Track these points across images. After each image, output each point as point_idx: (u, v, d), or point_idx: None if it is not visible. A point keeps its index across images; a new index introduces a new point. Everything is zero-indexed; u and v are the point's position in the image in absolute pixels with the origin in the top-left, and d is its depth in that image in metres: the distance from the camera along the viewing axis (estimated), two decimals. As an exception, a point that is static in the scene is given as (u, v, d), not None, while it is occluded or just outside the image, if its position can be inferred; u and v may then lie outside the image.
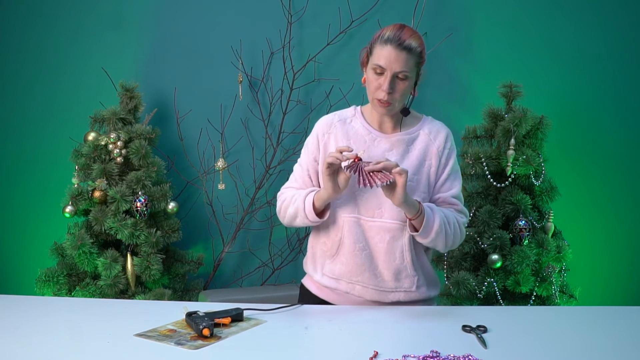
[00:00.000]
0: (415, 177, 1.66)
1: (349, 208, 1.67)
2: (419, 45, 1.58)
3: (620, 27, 2.73)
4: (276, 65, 2.85)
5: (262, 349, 1.32)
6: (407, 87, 1.60)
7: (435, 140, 1.70)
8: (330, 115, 1.76)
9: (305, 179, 1.74)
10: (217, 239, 2.94)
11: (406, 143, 1.68)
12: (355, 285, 1.67)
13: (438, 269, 2.51)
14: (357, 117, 1.73)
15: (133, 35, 2.87)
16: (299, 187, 1.74)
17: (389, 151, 1.67)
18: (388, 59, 1.56)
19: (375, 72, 1.59)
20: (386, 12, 2.75)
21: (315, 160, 1.72)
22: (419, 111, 1.77)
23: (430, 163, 1.68)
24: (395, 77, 1.57)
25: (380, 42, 1.58)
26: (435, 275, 1.78)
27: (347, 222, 1.66)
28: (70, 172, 2.59)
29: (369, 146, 1.68)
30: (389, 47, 1.56)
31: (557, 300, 2.43)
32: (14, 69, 2.92)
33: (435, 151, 1.69)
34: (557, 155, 2.61)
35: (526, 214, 2.38)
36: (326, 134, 1.72)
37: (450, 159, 1.70)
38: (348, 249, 1.67)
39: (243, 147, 2.90)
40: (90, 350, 1.27)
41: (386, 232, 1.65)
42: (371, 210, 1.65)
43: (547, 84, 2.75)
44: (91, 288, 2.50)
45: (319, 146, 1.72)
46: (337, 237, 1.68)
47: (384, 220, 1.64)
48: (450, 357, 1.25)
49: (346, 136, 1.70)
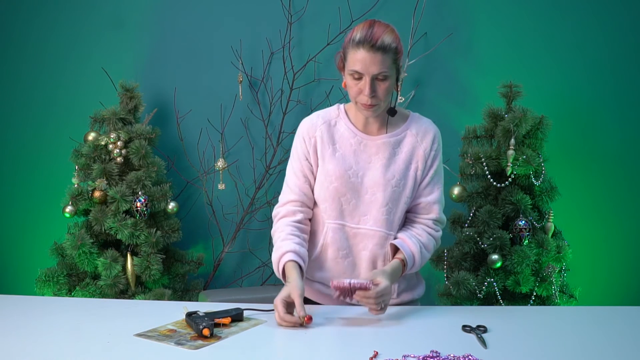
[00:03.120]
0: (401, 182, 1.63)
1: (334, 214, 1.64)
2: (392, 40, 1.52)
3: (620, 27, 2.73)
4: (276, 65, 2.85)
5: (262, 349, 1.32)
6: (388, 85, 1.54)
7: (422, 141, 1.66)
8: (314, 117, 1.70)
9: (302, 187, 1.67)
10: (217, 239, 2.93)
11: (392, 146, 1.64)
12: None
13: (438, 269, 2.51)
14: (341, 117, 1.68)
15: (133, 36, 2.87)
16: (296, 199, 1.66)
17: (375, 155, 1.64)
18: (363, 63, 1.50)
19: (353, 77, 1.54)
20: (386, 12, 2.75)
21: (308, 161, 1.67)
22: (419, 111, 1.76)
23: (416, 166, 1.65)
24: (374, 79, 1.52)
25: (352, 45, 1.52)
26: (417, 278, 1.76)
27: (332, 229, 1.64)
28: (70, 172, 2.59)
29: (355, 150, 1.64)
30: (362, 51, 1.50)
31: (557, 300, 2.43)
32: (14, 69, 2.92)
33: (422, 154, 1.66)
34: (557, 155, 2.61)
35: (526, 214, 2.38)
36: (312, 138, 1.66)
37: (436, 160, 1.68)
38: (331, 256, 1.65)
39: (243, 147, 2.90)
40: (90, 350, 1.27)
41: (370, 240, 1.63)
42: (357, 217, 1.63)
43: (547, 84, 2.75)
44: (91, 288, 2.50)
45: (308, 149, 1.66)
46: (320, 243, 1.66)
47: (369, 228, 1.63)
48: (450, 357, 1.24)
49: (332, 140, 1.65)
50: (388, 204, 1.62)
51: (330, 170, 1.63)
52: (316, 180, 1.67)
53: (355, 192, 1.63)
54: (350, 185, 1.62)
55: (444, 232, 2.50)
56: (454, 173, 2.56)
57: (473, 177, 2.47)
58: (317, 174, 1.66)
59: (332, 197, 1.63)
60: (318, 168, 1.66)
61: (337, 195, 1.62)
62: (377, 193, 1.62)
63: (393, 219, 1.64)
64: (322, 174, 1.65)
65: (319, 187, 1.65)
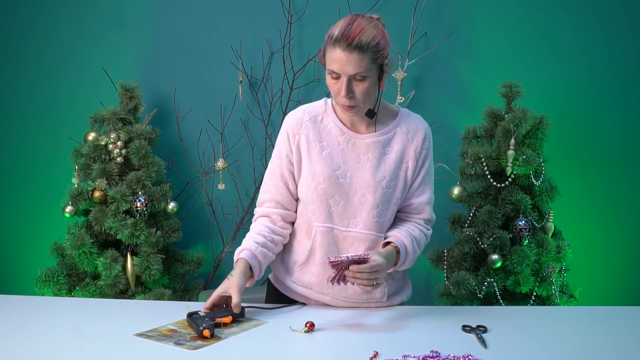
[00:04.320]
0: (392, 182, 1.58)
1: (323, 217, 1.58)
2: (372, 38, 1.44)
3: (620, 27, 2.73)
4: (276, 65, 2.85)
5: (261, 349, 1.32)
6: (367, 86, 1.47)
7: (413, 140, 1.60)
8: (299, 112, 1.63)
9: (278, 186, 1.62)
10: (217, 239, 2.94)
11: (382, 145, 1.58)
12: (325, 295, 1.62)
13: (438, 269, 2.51)
14: (328, 113, 1.61)
15: (133, 36, 2.87)
16: (271, 198, 1.64)
17: (364, 154, 1.58)
18: (339, 62, 1.43)
19: (332, 76, 1.48)
20: (386, 12, 2.75)
21: (290, 161, 1.61)
22: (419, 111, 1.74)
23: (407, 166, 1.60)
24: (352, 80, 1.46)
25: (330, 43, 1.45)
26: (405, 279, 1.73)
27: (320, 232, 1.58)
28: (70, 172, 2.60)
29: (343, 148, 1.58)
30: (338, 50, 1.43)
31: (557, 300, 2.43)
32: (15, 69, 2.93)
33: (413, 153, 1.60)
34: (557, 155, 2.61)
35: (526, 214, 2.38)
36: (297, 134, 1.60)
37: (427, 159, 1.62)
38: (319, 261, 1.59)
39: (243, 147, 2.90)
40: (90, 350, 1.27)
41: (361, 243, 1.58)
42: (346, 219, 1.58)
43: (547, 84, 2.75)
44: (91, 288, 2.50)
45: (291, 147, 1.60)
46: (308, 247, 1.60)
47: (359, 231, 1.58)
48: (450, 357, 1.24)
49: (318, 137, 1.59)
50: (379, 206, 1.57)
51: (318, 170, 1.57)
52: (303, 181, 1.60)
53: (344, 193, 1.57)
54: (338, 186, 1.56)
55: (444, 232, 2.53)
56: (454, 173, 2.56)
57: (473, 177, 2.47)
58: (304, 174, 1.59)
59: (320, 199, 1.57)
60: (304, 167, 1.59)
61: (325, 196, 1.57)
62: (367, 195, 1.57)
63: (384, 221, 1.59)
64: (309, 174, 1.58)
65: (306, 188, 1.59)
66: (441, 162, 2.65)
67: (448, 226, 2.54)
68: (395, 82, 2.72)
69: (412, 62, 2.73)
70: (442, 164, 2.64)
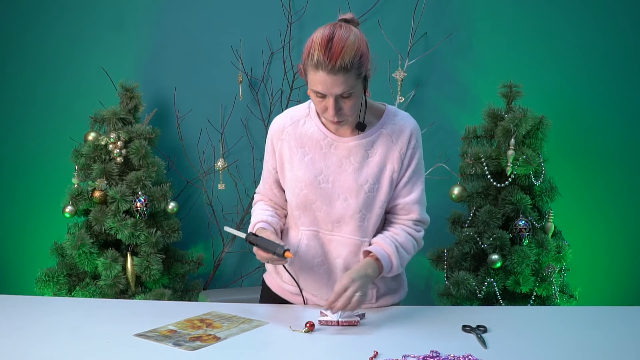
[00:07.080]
0: (375, 186, 1.54)
1: (308, 221, 1.57)
2: (354, 55, 1.38)
3: (620, 27, 2.73)
4: (276, 65, 2.85)
5: (261, 349, 1.32)
6: (355, 100, 1.44)
7: (398, 141, 1.55)
8: (282, 118, 1.61)
9: (267, 191, 1.67)
10: (217, 239, 2.94)
11: (365, 148, 1.54)
12: (314, 297, 1.63)
13: (438, 269, 2.51)
14: (311, 116, 1.58)
15: (133, 36, 2.87)
16: (267, 196, 1.69)
17: (346, 158, 1.54)
18: (324, 85, 1.39)
19: (316, 95, 1.44)
20: (386, 12, 2.75)
21: (274, 169, 1.62)
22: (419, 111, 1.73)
23: (392, 167, 1.54)
24: (338, 98, 1.42)
25: (311, 65, 1.40)
26: (398, 281, 1.68)
27: (306, 235, 1.58)
28: (70, 172, 2.60)
29: (325, 153, 1.55)
30: (321, 74, 1.38)
31: (557, 300, 2.43)
32: (15, 69, 2.92)
33: (398, 155, 1.55)
34: (557, 155, 2.61)
35: (526, 214, 2.38)
36: (279, 141, 1.59)
37: (414, 158, 1.56)
38: (306, 264, 1.59)
39: (243, 147, 2.90)
40: (90, 350, 1.27)
41: (344, 247, 1.56)
42: (330, 223, 1.56)
43: (547, 84, 2.75)
44: (91, 288, 2.50)
45: (274, 151, 1.61)
46: (294, 251, 1.59)
47: (343, 235, 1.56)
48: (450, 357, 1.25)
49: (300, 142, 1.56)
50: (361, 210, 1.53)
51: (300, 176, 1.55)
52: (288, 187, 1.59)
53: (327, 198, 1.54)
54: (320, 191, 1.54)
55: (444, 232, 2.53)
56: (453, 173, 2.56)
57: (473, 177, 2.47)
58: (287, 181, 1.59)
59: (303, 205, 1.56)
60: (287, 174, 1.58)
61: (308, 202, 1.55)
62: (350, 199, 1.53)
63: (367, 225, 1.56)
64: (292, 180, 1.57)
65: (290, 193, 1.58)
66: (441, 162, 2.65)
67: (448, 226, 2.54)
68: (395, 82, 2.71)
69: (412, 62, 2.73)
70: (442, 164, 2.64)
